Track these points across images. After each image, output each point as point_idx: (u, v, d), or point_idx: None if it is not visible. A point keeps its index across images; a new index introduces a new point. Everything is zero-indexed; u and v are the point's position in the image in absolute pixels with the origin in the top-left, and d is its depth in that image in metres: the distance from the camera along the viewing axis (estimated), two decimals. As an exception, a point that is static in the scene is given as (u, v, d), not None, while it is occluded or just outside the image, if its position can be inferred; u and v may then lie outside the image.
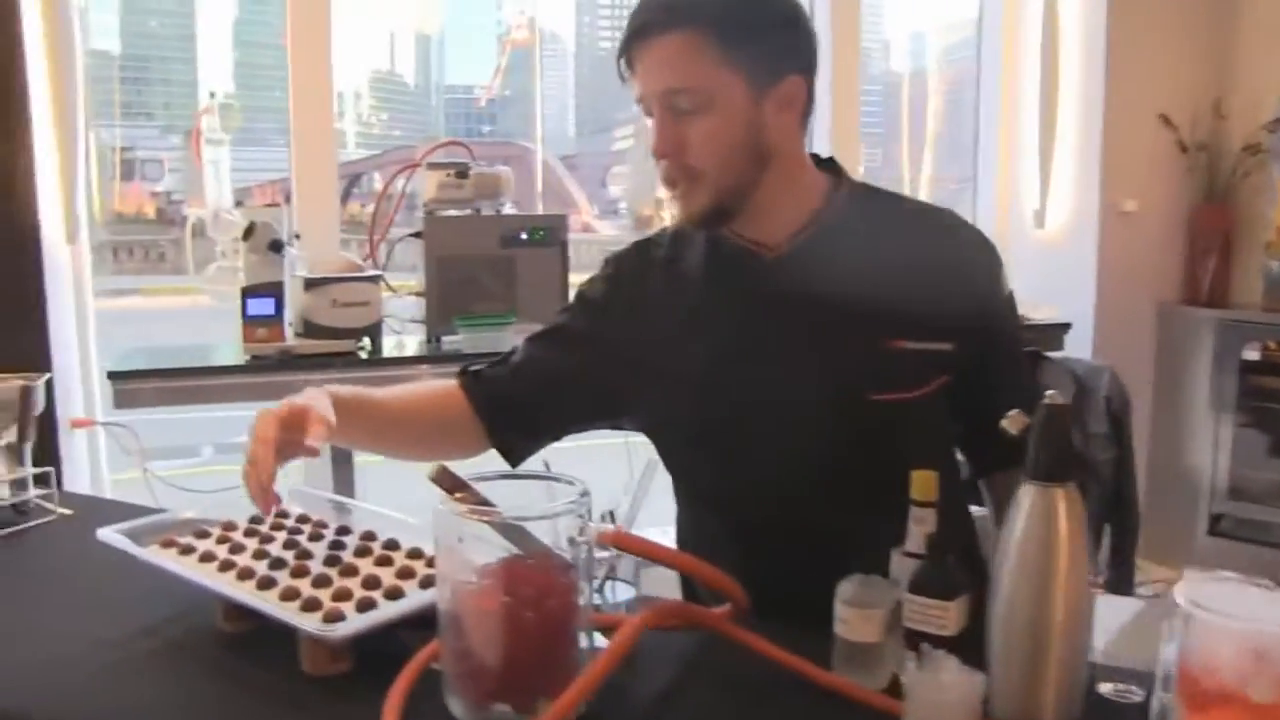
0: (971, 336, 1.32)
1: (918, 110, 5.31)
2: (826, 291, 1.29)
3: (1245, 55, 3.60)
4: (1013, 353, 1.42)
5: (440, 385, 1.47)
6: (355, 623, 1.02)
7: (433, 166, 2.72)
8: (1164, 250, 3.71)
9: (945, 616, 1.00)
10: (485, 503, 0.96)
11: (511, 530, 0.95)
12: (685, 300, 1.39)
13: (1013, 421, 1.00)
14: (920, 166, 5.07)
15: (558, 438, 1.47)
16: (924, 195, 4.40)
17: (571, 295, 1.52)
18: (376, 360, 2.56)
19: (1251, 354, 3.52)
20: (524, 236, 2.76)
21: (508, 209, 2.83)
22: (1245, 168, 3.55)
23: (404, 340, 2.77)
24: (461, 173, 2.71)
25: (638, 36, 1.27)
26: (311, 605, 1.05)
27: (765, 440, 1.32)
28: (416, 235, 2.71)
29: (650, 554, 1.00)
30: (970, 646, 0.97)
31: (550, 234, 2.79)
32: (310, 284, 2.48)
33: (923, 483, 1.06)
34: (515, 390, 1.42)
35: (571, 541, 0.94)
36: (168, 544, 1.22)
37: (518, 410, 1.42)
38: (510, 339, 2.66)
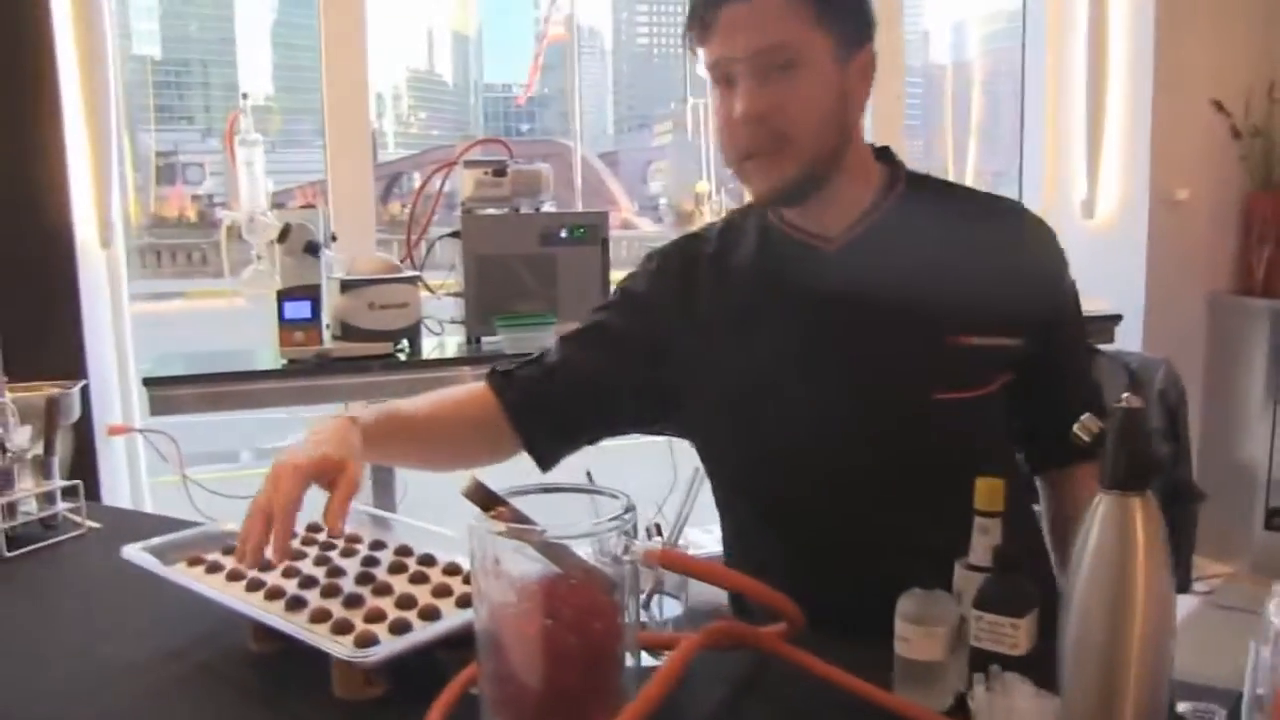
0: (1037, 331, 1.26)
1: (959, 101, 5.23)
2: (887, 286, 1.22)
3: None
4: (1077, 347, 1.36)
5: (469, 389, 1.38)
6: (388, 647, 0.97)
7: (470, 165, 2.67)
8: (1216, 239, 3.62)
9: (1015, 634, 0.92)
10: (523, 518, 0.90)
11: (552, 548, 0.89)
12: (735, 297, 1.32)
13: (1085, 427, 0.92)
14: (965, 157, 4.99)
15: (593, 442, 1.40)
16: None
17: (612, 291, 1.45)
18: (415, 362, 2.52)
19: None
20: (564, 235, 2.71)
21: (547, 207, 2.78)
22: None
23: (443, 341, 2.72)
24: (499, 170, 2.66)
25: None
26: (343, 627, 1.00)
27: (822, 444, 1.25)
28: (454, 235, 2.66)
29: (699, 573, 0.93)
30: (1039, 665, 0.91)
31: (591, 232, 2.74)
32: (347, 286, 2.44)
33: (988, 492, 0.98)
34: (550, 392, 1.35)
35: (616, 559, 0.88)
36: (195, 561, 1.17)
37: (552, 413, 1.35)
38: (551, 339, 2.63)
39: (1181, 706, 0.96)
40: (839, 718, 0.96)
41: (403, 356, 2.52)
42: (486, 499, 0.90)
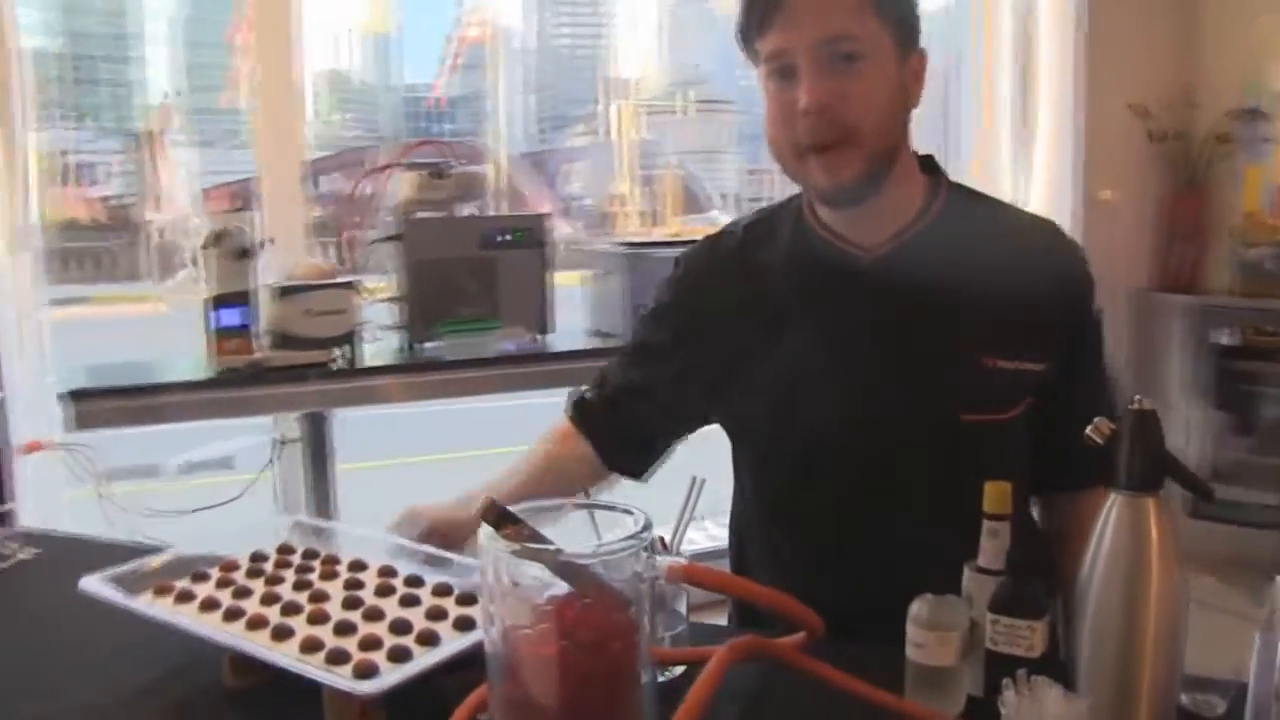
0: (1062, 357, 1.25)
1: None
2: (924, 301, 1.20)
3: (1212, 44, 3.60)
4: (1096, 373, 1.32)
5: (557, 428, 1.43)
6: (391, 676, 0.91)
7: (409, 167, 2.60)
8: (1137, 237, 3.72)
9: (1032, 637, 0.92)
10: (538, 537, 0.85)
11: (568, 567, 0.84)
12: (764, 295, 1.29)
13: (1098, 429, 0.93)
14: None
15: (672, 446, 1.43)
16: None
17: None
18: (354, 371, 2.44)
19: (1223, 339, 3.55)
20: (504, 238, 2.66)
21: (470, 210, 2.72)
22: (1214, 156, 3.55)
23: (380, 348, 2.63)
24: (440, 173, 2.59)
25: None
26: (338, 657, 0.93)
27: (846, 457, 1.23)
28: (394, 238, 2.58)
29: (726, 588, 0.90)
30: (1052, 666, 0.90)
31: (530, 235, 2.69)
32: (284, 292, 2.35)
33: (996, 495, 0.98)
34: (617, 414, 1.40)
35: (636, 576, 0.84)
36: (162, 590, 1.09)
37: (624, 433, 1.40)
38: (494, 345, 2.58)
39: (1182, 699, 0.95)
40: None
41: (340, 365, 2.43)
42: (501, 518, 0.85)
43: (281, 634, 0.98)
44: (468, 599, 1.06)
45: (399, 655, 0.94)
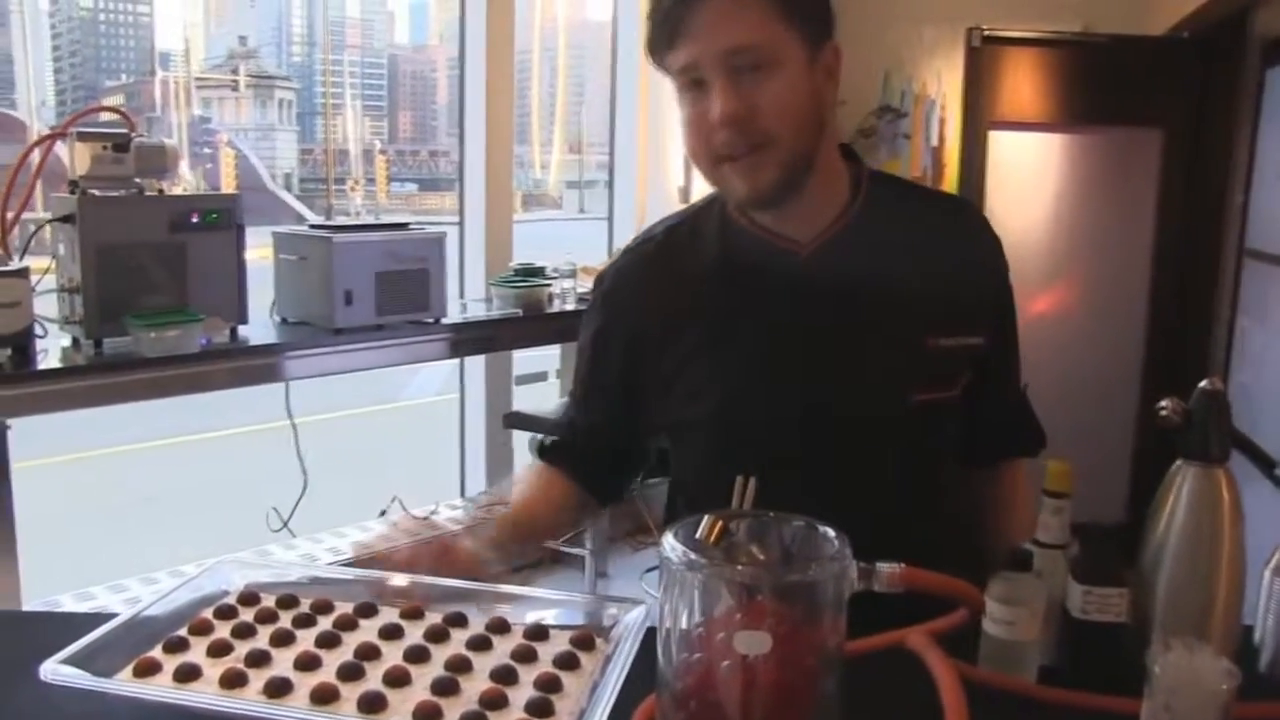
0: (993, 329, 1.29)
1: (422, 82, 5.29)
2: (864, 290, 1.19)
3: (853, 46, 3.87)
4: (1013, 342, 1.38)
5: (538, 474, 1.38)
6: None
7: (84, 137, 2.21)
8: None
9: (1122, 603, 0.96)
10: (740, 553, 0.77)
11: (778, 587, 0.77)
12: (700, 302, 1.23)
13: (1172, 409, 0.97)
14: (433, 137, 4.99)
15: (646, 463, 1.43)
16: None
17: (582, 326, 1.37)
18: (34, 374, 2.04)
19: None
20: (195, 220, 2.35)
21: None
22: (860, 149, 3.84)
23: (52, 346, 2.21)
24: (121, 145, 2.22)
25: None
26: (475, 724, 0.78)
27: (803, 453, 1.19)
28: (65, 219, 2.18)
29: (945, 589, 0.85)
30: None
31: (225, 216, 2.41)
32: (-54, 283, 1.91)
33: (1058, 474, 1.02)
34: (587, 449, 1.36)
35: (839, 589, 0.78)
36: (146, 668, 0.84)
37: (603, 466, 1.37)
38: (187, 339, 2.26)
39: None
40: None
41: (11, 367, 2.02)
42: (720, 537, 0.75)
43: (371, 705, 0.79)
44: (537, 633, 0.93)
45: (540, 709, 0.80)
